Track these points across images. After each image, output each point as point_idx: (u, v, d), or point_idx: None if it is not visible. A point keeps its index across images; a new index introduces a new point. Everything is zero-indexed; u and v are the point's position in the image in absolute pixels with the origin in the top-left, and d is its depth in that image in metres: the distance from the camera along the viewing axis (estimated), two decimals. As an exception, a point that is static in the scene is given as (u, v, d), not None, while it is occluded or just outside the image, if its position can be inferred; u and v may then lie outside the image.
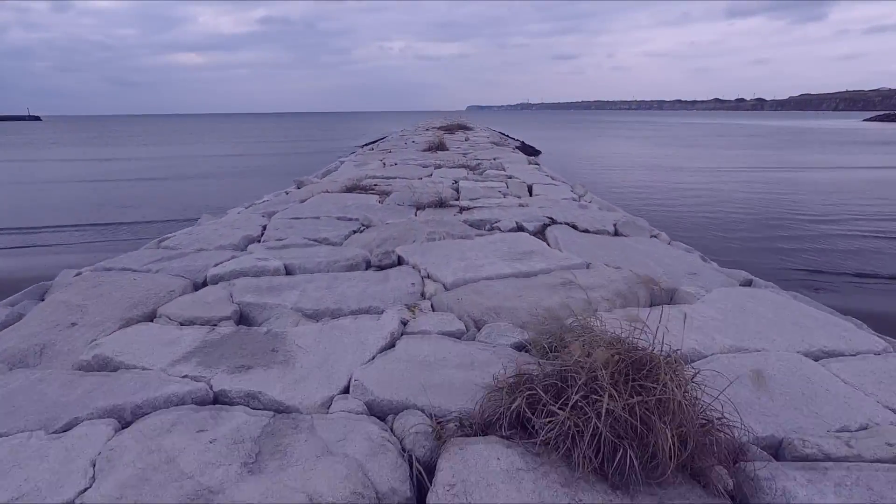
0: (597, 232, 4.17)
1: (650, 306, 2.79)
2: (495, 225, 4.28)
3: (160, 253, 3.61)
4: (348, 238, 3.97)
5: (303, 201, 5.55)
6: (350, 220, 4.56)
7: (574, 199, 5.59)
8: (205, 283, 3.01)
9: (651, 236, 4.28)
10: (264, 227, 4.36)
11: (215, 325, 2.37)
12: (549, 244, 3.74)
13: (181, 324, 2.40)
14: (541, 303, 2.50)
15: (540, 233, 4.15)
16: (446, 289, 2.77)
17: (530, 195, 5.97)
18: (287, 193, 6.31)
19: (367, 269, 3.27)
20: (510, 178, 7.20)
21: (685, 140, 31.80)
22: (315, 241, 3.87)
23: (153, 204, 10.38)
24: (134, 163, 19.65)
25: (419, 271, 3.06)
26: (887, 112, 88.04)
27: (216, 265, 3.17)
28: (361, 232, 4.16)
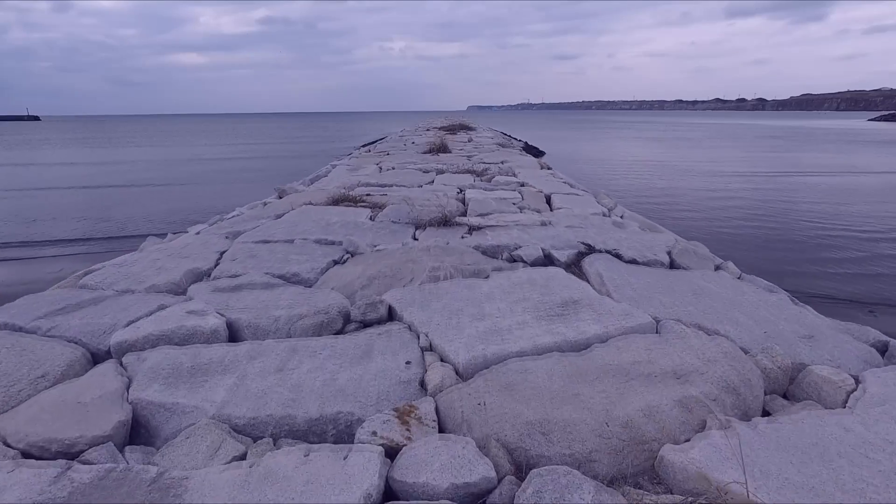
0: (647, 263, 3.21)
1: (764, 398, 1.85)
2: (515, 252, 3.34)
3: (71, 296, 2.65)
4: (325, 273, 3.02)
5: (279, 216, 4.61)
6: (331, 244, 3.62)
7: (605, 215, 4.64)
8: (109, 354, 2.08)
9: (715, 267, 3.34)
10: (222, 255, 3.42)
11: (76, 457, 1.43)
12: (591, 284, 2.79)
13: (22, 454, 1.46)
14: (611, 409, 1.56)
15: (575, 264, 3.20)
16: (458, 373, 1.83)
17: (550, 208, 5.03)
18: (265, 205, 5.36)
19: (344, 326, 2.33)
20: (523, 185, 6.25)
21: (692, 141, 30.79)
22: (281, 277, 2.92)
23: (138, 213, 9.40)
24: (128, 165, 18.66)
25: (418, 337, 2.11)
26: (892, 112, 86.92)
27: (128, 324, 2.23)
28: (343, 263, 3.21)
